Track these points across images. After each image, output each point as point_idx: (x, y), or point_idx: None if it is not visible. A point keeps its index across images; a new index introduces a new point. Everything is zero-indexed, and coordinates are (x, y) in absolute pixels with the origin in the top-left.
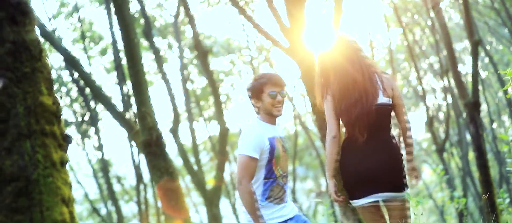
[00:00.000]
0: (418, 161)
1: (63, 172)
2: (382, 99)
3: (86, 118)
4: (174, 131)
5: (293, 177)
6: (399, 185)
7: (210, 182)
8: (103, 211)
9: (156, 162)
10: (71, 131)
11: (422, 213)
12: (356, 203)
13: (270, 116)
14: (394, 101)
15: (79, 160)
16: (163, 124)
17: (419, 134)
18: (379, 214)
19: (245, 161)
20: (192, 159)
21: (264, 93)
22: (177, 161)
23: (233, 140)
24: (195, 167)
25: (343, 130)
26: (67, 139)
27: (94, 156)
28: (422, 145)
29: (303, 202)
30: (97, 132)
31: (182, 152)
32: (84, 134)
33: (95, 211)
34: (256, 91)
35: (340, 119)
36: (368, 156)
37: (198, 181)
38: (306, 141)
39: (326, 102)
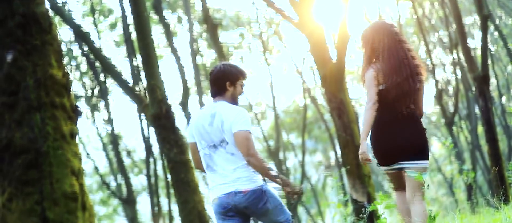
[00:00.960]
0: (428, 135)
1: (73, 144)
2: (417, 83)
3: (96, 91)
4: (184, 104)
5: (302, 150)
6: (424, 156)
7: None
8: (113, 184)
9: (166, 135)
10: (81, 104)
11: (428, 186)
12: (386, 168)
13: (234, 102)
14: (420, 85)
15: (89, 133)
16: (173, 97)
17: (429, 107)
18: (403, 178)
19: (250, 135)
20: None
21: (239, 82)
22: (186, 134)
23: None
24: None
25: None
26: (76, 112)
27: (104, 129)
28: (431, 119)
29: (312, 175)
30: (106, 105)
31: None
32: (94, 107)
33: (104, 184)
34: (233, 78)
35: (386, 93)
36: (404, 130)
37: None
38: (315, 114)
39: (368, 73)
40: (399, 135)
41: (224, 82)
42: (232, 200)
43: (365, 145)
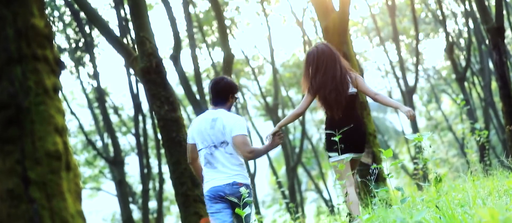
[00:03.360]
0: (437, 91)
1: (56, 99)
2: (351, 90)
3: (81, 44)
4: (175, 57)
5: None
6: (362, 148)
7: None
8: (99, 144)
9: (156, 91)
10: (64, 58)
11: (430, 145)
12: (336, 158)
13: (230, 110)
14: (358, 88)
15: (73, 89)
16: (164, 50)
17: (439, 62)
18: (348, 165)
19: (247, 138)
20: (194, 88)
21: (236, 94)
22: (178, 90)
23: (239, 67)
24: (197, 97)
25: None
26: (60, 64)
27: (89, 84)
28: (441, 74)
29: (313, 134)
30: (92, 59)
31: (184, 80)
32: (79, 62)
33: (90, 143)
34: (234, 92)
35: (322, 104)
36: (343, 128)
37: (201, 111)
38: None
39: (308, 91)
40: (344, 131)
41: (227, 94)
42: (229, 189)
43: (278, 128)
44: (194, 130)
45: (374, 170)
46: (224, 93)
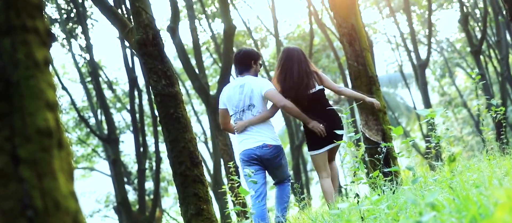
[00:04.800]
0: (451, 65)
1: (47, 73)
2: (316, 87)
3: (73, 14)
4: (173, 29)
5: None
6: (338, 136)
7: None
8: (92, 121)
9: (153, 65)
10: (55, 30)
11: (443, 122)
12: (313, 153)
13: (256, 75)
14: (323, 84)
15: (64, 63)
16: (161, 21)
17: (452, 34)
18: (325, 156)
19: (276, 91)
20: (193, 62)
21: (259, 61)
22: (176, 64)
23: (240, 39)
24: (196, 71)
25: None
26: (50, 36)
27: (82, 58)
28: (455, 47)
29: None
30: (85, 31)
31: (182, 53)
32: (70, 33)
33: (82, 120)
34: (256, 58)
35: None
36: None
37: (200, 86)
38: (324, 41)
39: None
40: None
41: (250, 60)
42: (260, 151)
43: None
44: (224, 96)
45: (384, 149)
46: (246, 60)
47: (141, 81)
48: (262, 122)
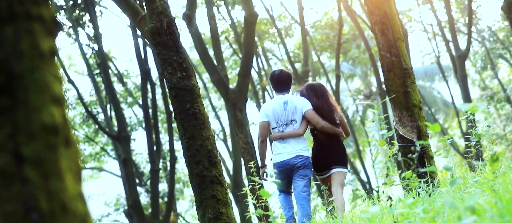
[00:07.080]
0: (493, 56)
1: (53, 64)
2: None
3: (80, 1)
4: (189, 16)
5: (337, 75)
6: (343, 164)
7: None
8: (101, 117)
9: (167, 55)
10: (61, 18)
11: (485, 119)
12: (322, 176)
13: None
14: (340, 122)
15: (70, 54)
16: (176, 8)
17: (495, 22)
18: (330, 181)
19: (314, 112)
20: (211, 52)
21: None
22: (192, 55)
23: (262, 28)
24: (215, 62)
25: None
26: (57, 25)
27: (90, 48)
28: (498, 36)
29: (349, 105)
30: (93, 19)
31: (200, 43)
32: (77, 22)
33: (91, 116)
34: (292, 79)
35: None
36: (327, 149)
37: (219, 79)
38: (353, 30)
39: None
40: (325, 152)
41: (290, 83)
42: (294, 160)
43: None
44: (268, 110)
45: (419, 148)
46: (289, 81)
47: (154, 74)
48: (299, 136)
